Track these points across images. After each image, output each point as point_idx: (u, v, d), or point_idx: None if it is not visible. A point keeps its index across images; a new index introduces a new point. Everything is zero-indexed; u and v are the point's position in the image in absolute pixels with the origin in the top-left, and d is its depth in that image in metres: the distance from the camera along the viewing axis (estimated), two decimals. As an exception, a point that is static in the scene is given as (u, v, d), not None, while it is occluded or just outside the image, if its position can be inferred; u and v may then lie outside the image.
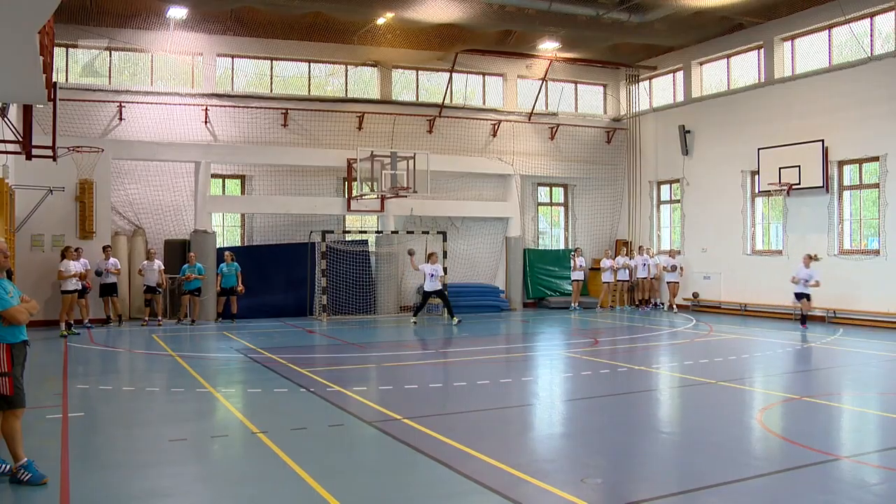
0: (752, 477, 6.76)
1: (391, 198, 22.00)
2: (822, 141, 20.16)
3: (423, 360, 14.75)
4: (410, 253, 20.55)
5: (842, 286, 19.61)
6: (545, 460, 7.45)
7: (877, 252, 19.39)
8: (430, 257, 20.38)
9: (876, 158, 19.41)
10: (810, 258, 18.68)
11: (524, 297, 25.09)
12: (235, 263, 20.15)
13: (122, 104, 21.07)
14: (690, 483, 6.63)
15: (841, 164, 20.30)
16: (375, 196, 21.93)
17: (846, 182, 20.52)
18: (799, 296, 18.62)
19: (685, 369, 12.71)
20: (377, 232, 23.01)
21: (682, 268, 23.87)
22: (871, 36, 19.99)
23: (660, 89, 26.68)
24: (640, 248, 25.37)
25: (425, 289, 20.03)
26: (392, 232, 22.73)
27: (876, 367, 13.65)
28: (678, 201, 25.47)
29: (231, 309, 20.18)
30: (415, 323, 19.81)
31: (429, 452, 7.33)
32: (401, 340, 17.47)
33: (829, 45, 20.96)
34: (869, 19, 19.93)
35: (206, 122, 21.94)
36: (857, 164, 20.21)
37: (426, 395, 10.57)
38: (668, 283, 24.06)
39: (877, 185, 19.56)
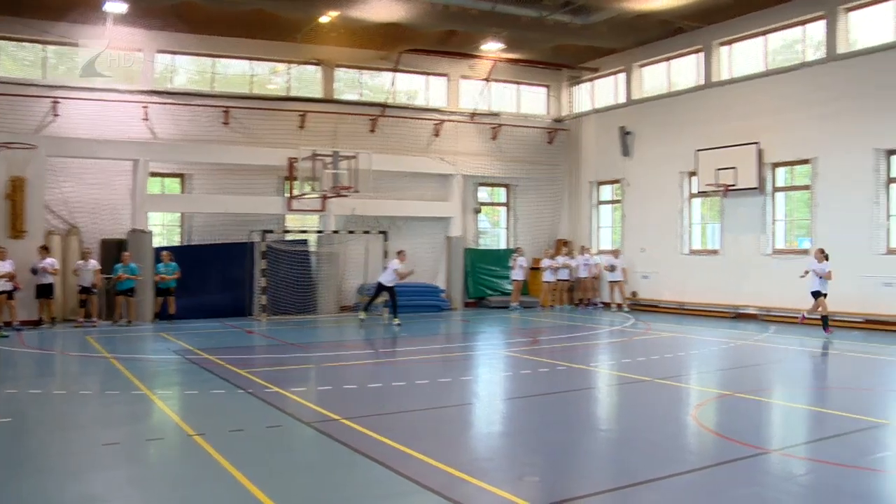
0: (686, 472, 6.91)
1: (332, 197, 21.86)
2: (758, 143, 20.67)
3: (363, 361, 14.72)
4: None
5: (774, 285, 20.16)
6: (484, 459, 7.50)
7: (806, 251, 19.94)
8: (399, 254, 20.11)
9: (807, 161, 19.97)
10: (822, 253, 17.17)
11: (465, 296, 25.17)
12: (174, 263, 19.86)
13: (57, 100, 20.57)
14: (626, 479, 6.74)
15: (774, 165, 20.86)
16: (317, 195, 21.79)
17: (779, 184, 21.12)
18: (816, 294, 17.06)
19: (623, 367, 12.91)
20: (318, 231, 22.87)
21: (624, 268, 24.22)
22: (804, 43, 20.57)
23: (602, 91, 26.98)
24: (582, 247, 25.68)
25: (384, 282, 19.60)
26: (333, 231, 22.62)
27: (804, 363, 14.12)
28: (619, 201, 25.84)
29: (168, 309, 19.87)
30: (363, 320, 19.64)
31: (367, 453, 7.32)
32: (341, 340, 17.43)
33: (765, 50, 21.51)
34: (802, 27, 20.52)
35: (145, 120, 21.52)
36: (790, 167, 20.83)
37: (365, 396, 10.55)
38: (611, 282, 24.37)
39: (807, 187, 20.15)
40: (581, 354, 14.95)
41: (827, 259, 16.98)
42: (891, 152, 18.46)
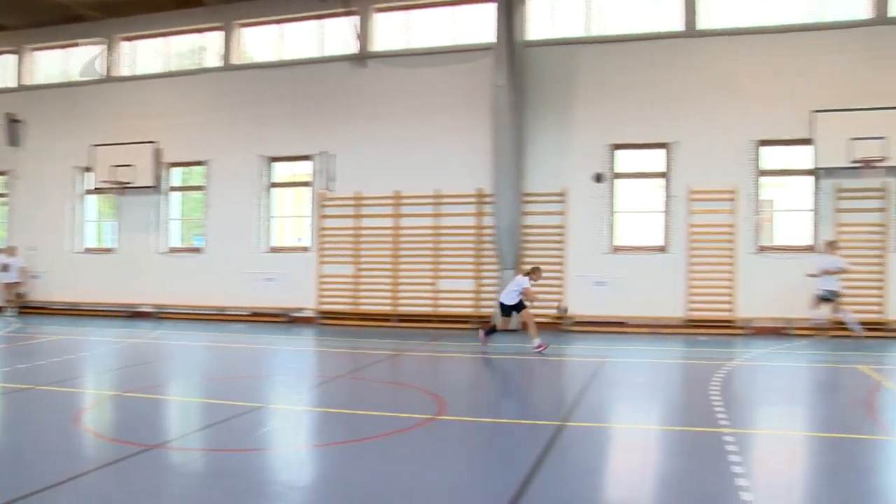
0: (74, 478, 6.60)
1: None
2: (156, 143, 21.05)
3: None
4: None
5: (169, 283, 20.80)
6: None
7: (199, 250, 20.99)
8: None
9: (202, 163, 20.98)
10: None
11: None
12: None
13: None
14: (10, 495, 6.19)
15: (171, 165, 21.52)
16: None
17: (175, 183, 21.83)
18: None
19: (2, 377, 11.92)
20: None
21: (24, 269, 22.36)
22: (205, 50, 21.54)
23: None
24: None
25: None
26: None
27: (195, 358, 14.77)
28: (5, 195, 23.83)
29: None
30: None
31: None
32: None
33: (168, 52, 21.99)
34: (203, 34, 21.47)
35: None
36: (187, 167, 21.75)
37: None
38: (6, 284, 22.24)
39: (202, 188, 21.20)
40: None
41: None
42: (272, 159, 20.44)
